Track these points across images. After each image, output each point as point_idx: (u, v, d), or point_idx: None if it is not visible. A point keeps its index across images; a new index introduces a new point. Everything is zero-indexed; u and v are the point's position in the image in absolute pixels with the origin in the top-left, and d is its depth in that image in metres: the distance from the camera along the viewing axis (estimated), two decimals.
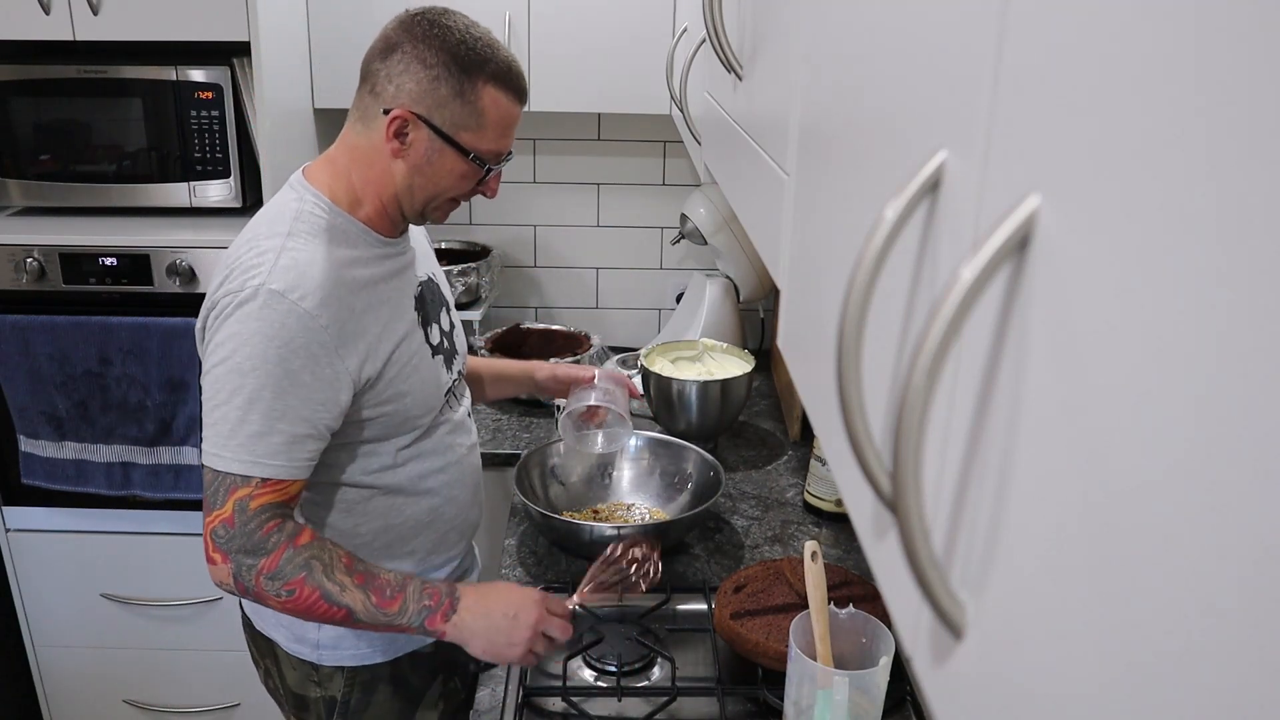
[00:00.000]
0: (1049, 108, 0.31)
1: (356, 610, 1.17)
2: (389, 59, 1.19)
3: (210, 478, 1.15)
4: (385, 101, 1.19)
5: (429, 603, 1.19)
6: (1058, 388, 0.30)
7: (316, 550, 1.17)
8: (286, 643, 1.36)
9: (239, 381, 1.12)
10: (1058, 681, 0.30)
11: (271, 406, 1.13)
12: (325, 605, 1.16)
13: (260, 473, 1.14)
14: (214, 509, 1.15)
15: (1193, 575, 0.23)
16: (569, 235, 2.54)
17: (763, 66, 0.89)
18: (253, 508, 1.14)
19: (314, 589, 1.16)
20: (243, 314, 1.12)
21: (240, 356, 1.12)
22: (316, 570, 1.16)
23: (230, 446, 1.14)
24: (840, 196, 0.59)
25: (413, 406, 1.27)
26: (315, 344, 1.14)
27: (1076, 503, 0.29)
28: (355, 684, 1.35)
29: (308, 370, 1.14)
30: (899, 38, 0.47)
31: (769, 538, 1.70)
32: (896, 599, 0.47)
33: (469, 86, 1.18)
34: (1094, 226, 0.28)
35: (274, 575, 1.15)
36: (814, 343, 0.65)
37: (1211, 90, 0.23)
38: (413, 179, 1.22)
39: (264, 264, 1.14)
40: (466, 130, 1.20)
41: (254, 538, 1.14)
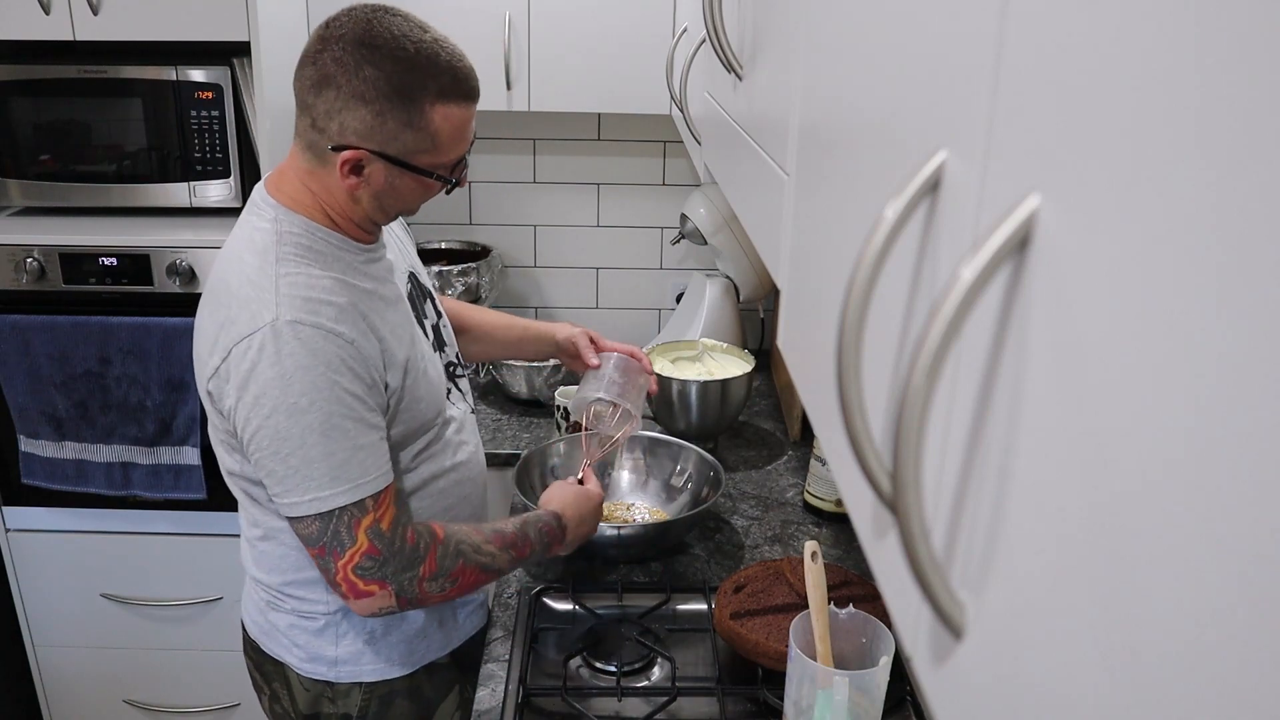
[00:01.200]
0: (1049, 108, 0.31)
1: (504, 569, 1.27)
2: (323, 94, 1.10)
3: (321, 524, 1.13)
4: (331, 138, 1.12)
5: (548, 538, 1.33)
6: (1058, 387, 0.30)
7: (455, 537, 1.22)
8: (299, 664, 1.33)
9: (303, 421, 1.09)
10: (1058, 681, 0.30)
11: (344, 428, 1.11)
12: (484, 577, 1.25)
13: (368, 493, 1.13)
14: (346, 548, 1.13)
15: (1193, 575, 0.23)
16: (569, 235, 2.54)
17: (763, 67, 0.89)
18: (386, 529, 1.15)
19: (473, 569, 1.22)
20: (271, 355, 1.08)
21: (292, 396, 1.09)
22: (469, 553, 1.22)
23: (329, 484, 1.11)
24: (840, 196, 0.59)
25: (427, 410, 1.26)
26: (349, 357, 1.12)
27: (1076, 502, 0.29)
28: (373, 699, 1.34)
29: (354, 382, 1.12)
30: (899, 38, 0.47)
31: (769, 538, 1.70)
32: (896, 599, 0.47)
33: (416, 114, 1.11)
34: (1094, 226, 0.28)
35: (436, 575, 1.19)
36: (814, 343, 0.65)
37: (1211, 90, 0.23)
38: (378, 201, 1.18)
39: (266, 298, 1.10)
40: (424, 153, 1.14)
41: (404, 553, 1.16)
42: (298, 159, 1.19)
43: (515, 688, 1.31)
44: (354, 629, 1.32)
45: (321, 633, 1.32)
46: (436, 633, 1.37)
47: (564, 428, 1.97)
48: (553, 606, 1.51)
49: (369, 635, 1.32)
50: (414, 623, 1.34)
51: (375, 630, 1.32)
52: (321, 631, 1.32)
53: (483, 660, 1.39)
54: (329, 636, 1.32)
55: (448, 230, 2.53)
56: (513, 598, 1.51)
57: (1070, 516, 0.29)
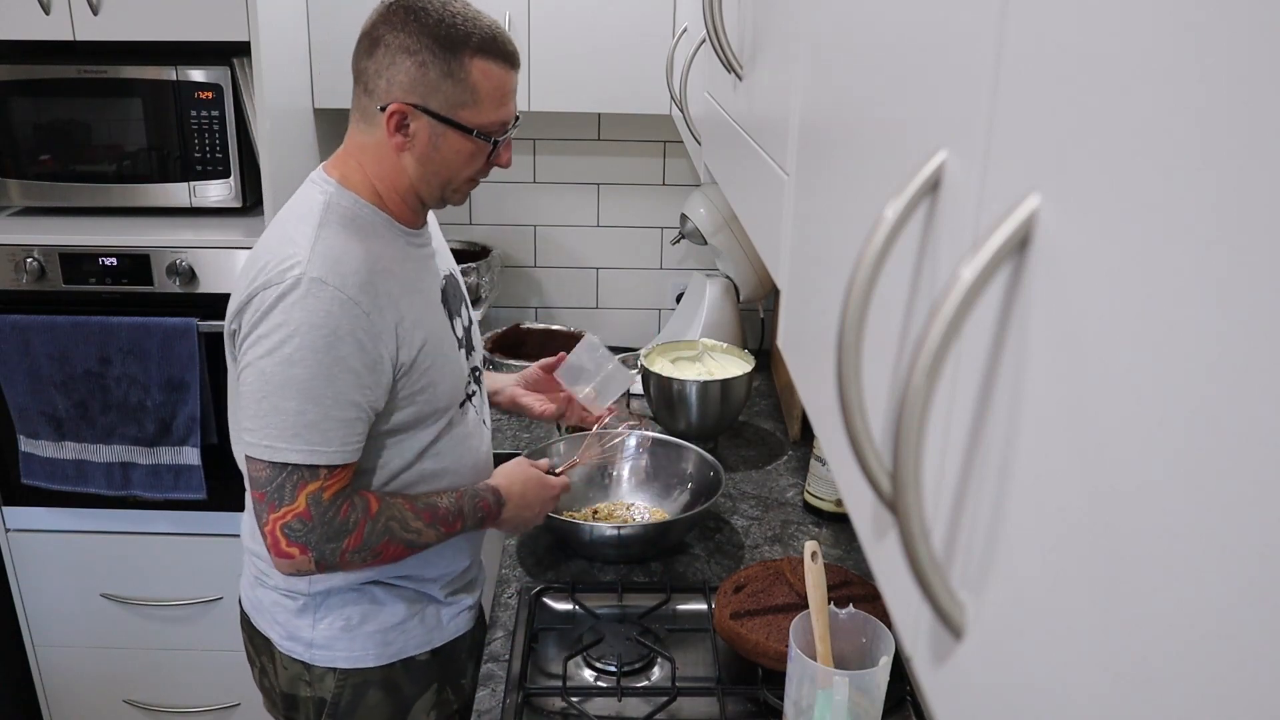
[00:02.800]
0: (1049, 108, 0.31)
1: (431, 544, 1.28)
2: (374, 55, 1.20)
3: (271, 472, 1.16)
4: (379, 98, 1.20)
5: (482, 514, 1.33)
6: (1058, 387, 0.30)
7: (388, 511, 1.22)
8: (280, 641, 1.36)
9: (289, 372, 1.13)
10: (1058, 681, 0.30)
11: (325, 394, 1.14)
12: (407, 552, 1.26)
13: (325, 461, 1.16)
14: (283, 504, 1.16)
15: (1193, 575, 0.23)
16: (569, 235, 2.54)
17: (763, 66, 0.89)
18: (327, 498, 1.17)
19: (398, 545, 1.24)
20: (286, 304, 1.13)
21: (290, 347, 1.13)
22: (396, 530, 1.23)
23: (290, 438, 1.14)
24: (840, 196, 0.59)
25: (440, 397, 1.29)
26: (360, 329, 1.15)
27: (1076, 502, 0.29)
28: (346, 685, 1.35)
29: (355, 355, 1.15)
30: (899, 38, 0.47)
31: (769, 538, 1.70)
32: (896, 599, 0.47)
33: (456, 64, 1.18)
34: (1094, 226, 0.28)
35: (360, 549, 1.20)
36: (814, 343, 0.65)
37: (1211, 89, 0.23)
38: (423, 168, 1.24)
39: (300, 254, 1.15)
40: (464, 108, 1.21)
41: (333, 525, 1.17)
42: (352, 135, 1.26)
43: (515, 688, 1.31)
44: (331, 613, 1.33)
45: (301, 613, 1.34)
46: (417, 628, 1.38)
47: (564, 428, 1.97)
48: (553, 606, 1.51)
49: (345, 622, 1.33)
50: (393, 615, 1.35)
51: (352, 618, 1.33)
52: (301, 612, 1.34)
53: (473, 675, 1.39)
54: (307, 618, 1.33)
55: (448, 230, 2.51)
56: (513, 598, 1.51)
57: (1070, 516, 0.29)
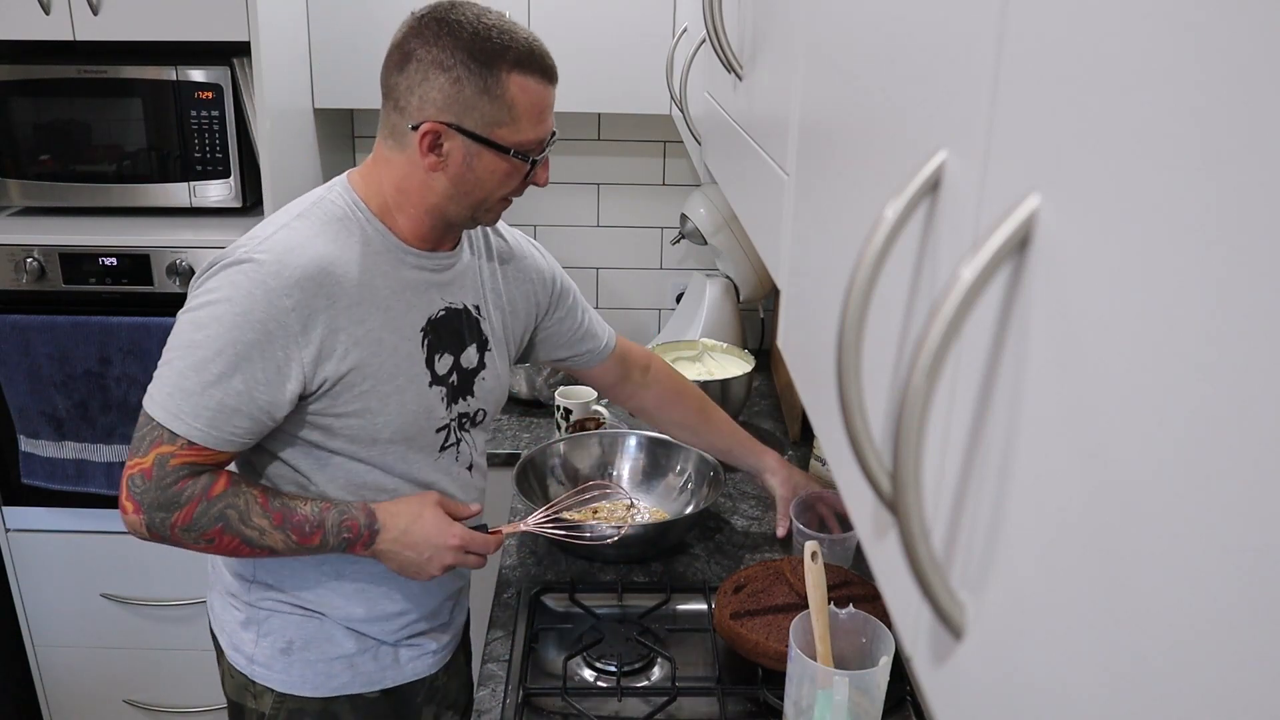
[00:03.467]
0: (1049, 108, 0.31)
1: (279, 549, 1.18)
2: (405, 71, 1.14)
3: (142, 419, 1.14)
4: (411, 117, 1.15)
5: (348, 535, 1.20)
6: (1058, 387, 0.30)
7: (230, 498, 1.15)
8: (227, 649, 1.33)
9: (192, 335, 1.11)
10: (1058, 681, 0.30)
11: (211, 370, 1.10)
12: (248, 549, 1.17)
13: (184, 432, 1.11)
14: (136, 455, 1.13)
15: (1192, 574, 0.23)
16: (569, 235, 2.54)
17: (763, 66, 0.89)
18: (171, 465, 1.12)
19: (233, 537, 1.16)
20: (221, 275, 1.12)
21: (203, 313, 1.11)
22: (233, 519, 1.15)
23: (165, 396, 1.12)
24: (840, 196, 0.59)
25: (383, 429, 1.20)
26: (274, 322, 1.10)
27: (1076, 502, 0.29)
28: (282, 710, 1.31)
29: (257, 346, 1.10)
30: (899, 38, 0.47)
31: (769, 538, 1.70)
32: (896, 599, 0.47)
33: (493, 80, 1.12)
34: (1094, 226, 0.28)
35: (189, 528, 1.14)
36: (814, 343, 0.65)
37: (1210, 89, 0.23)
38: (456, 188, 1.18)
39: (260, 235, 1.15)
40: (500, 126, 1.15)
41: (167, 493, 1.12)
42: (379, 149, 1.22)
43: (515, 688, 1.31)
44: (274, 632, 1.29)
45: (245, 626, 1.31)
46: (368, 664, 1.32)
47: (564, 428, 1.97)
48: (553, 606, 1.51)
49: (286, 644, 1.29)
50: (339, 646, 1.29)
51: (294, 642, 1.29)
52: (245, 625, 1.31)
53: (483, 660, 1.39)
54: (250, 632, 1.30)
55: None
56: (513, 598, 1.51)
57: (1070, 516, 0.29)
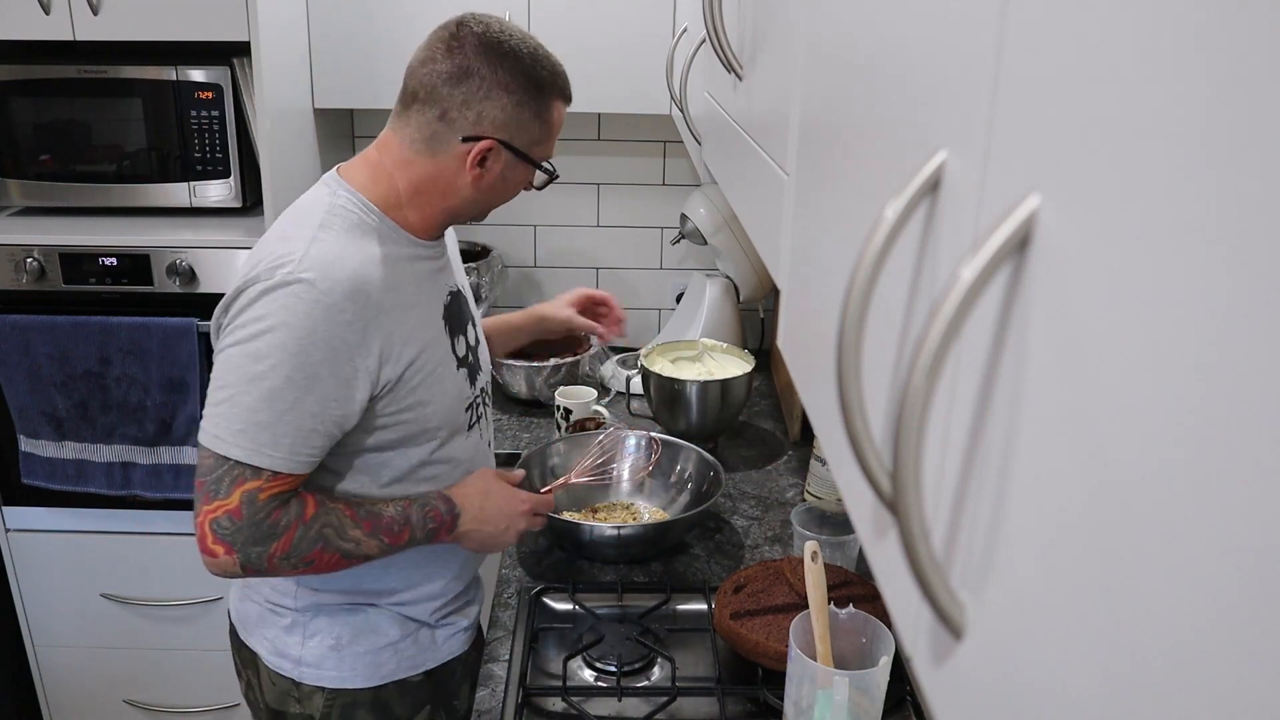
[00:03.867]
0: (1049, 108, 0.31)
1: (373, 555, 1.21)
2: (464, 84, 1.17)
3: (213, 463, 1.12)
4: (463, 129, 1.19)
5: (433, 525, 1.25)
6: (1058, 387, 0.30)
7: (324, 517, 1.17)
8: (268, 656, 1.33)
9: (253, 368, 1.10)
10: (1058, 681, 0.30)
11: (285, 398, 1.10)
12: (345, 562, 1.20)
13: (269, 465, 1.11)
14: (216, 498, 1.12)
15: (1193, 574, 0.23)
16: (569, 235, 2.54)
17: (763, 66, 0.89)
18: (261, 499, 1.12)
19: (333, 554, 1.18)
20: (268, 300, 1.10)
21: (261, 342, 1.09)
22: (331, 537, 1.17)
23: (237, 434, 1.10)
24: (840, 196, 0.59)
25: (432, 417, 1.25)
26: (337, 339, 1.11)
27: (1076, 502, 0.29)
28: (335, 706, 1.32)
29: (326, 365, 1.11)
30: (899, 38, 0.47)
31: (769, 538, 1.70)
32: (896, 599, 0.47)
33: (544, 106, 1.22)
34: (1094, 226, 0.28)
35: (288, 555, 1.15)
36: (814, 343, 0.65)
37: (1211, 89, 0.23)
38: (483, 195, 1.25)
39: (294, 253, 1.12)
40: (538, 145, 1.25)
41: (262, 527, 1.13)
42: (394, 151, 1.23)
43: (515, 688, 1.31)
44: (321, 631, 1.30)
45: (290, 630, 1.31)
46: (410, 649, 1.34)
47: (564, 428, 1.97)
48: (553, 606, 1.51)
49: (335, 641, 1.30)
50: (385, 635, 1.32)
51: (342, 637, 1.30)
52: (290, 629, 1.31)
53: (469, 699, 1.38)
54: (296, 635, 1.31)
55: None
56: (513, 597, 1.51)
57: (1070, 516, 0.29)
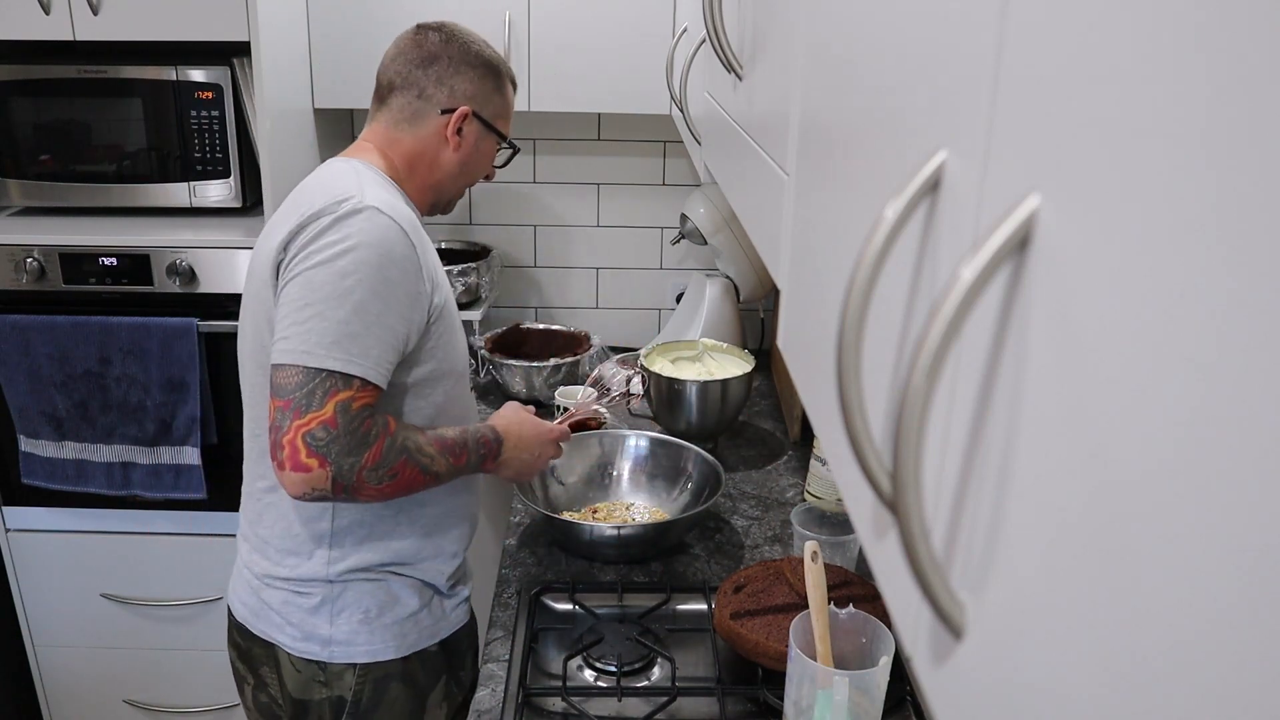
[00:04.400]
0: (1049, 108, 0.31)
1: (442, 475, 1.27)
2: (434, 66, 1.37)
3: (302, 378, 1.15)
4: (441, 102, 1.37)
5: (484, 451, 1.34)
6: (1058, 387, 0.30)
7: (404, 431, 1.23)
8: (292, 643, 1.34)
9: (341, 284, 1.15)
10: (1058, 681, 0.30)
11: (371, 310, 1.17)
12: (422, 479, 1.24)
13: (361, 373, 1.16)
14: (309, 410, 1.14)
15: (1193, 574, 0.23)
16: (569, 235, 2.54)
17: (763, 66, 0.89)
18: (355, 408, 1.16)
19: (414, 468, 1.23)
20: (345, 224, 1.17)
21: (345, 260, 1.16)
22: (413, 450, 1.23)
23: (330, 345, 1.15)
24: (840, 196, 0.59)
25: (457, 358, 1.35)
26: (408, 260, 1.21)
27: (1077, 502, 0.29)
28: (367, 681, 1.35)
29: (400, 282, 1.20)
30: (899, 38, 0.47)
31: (769, 538, 1.70)
32: (896, 599, 0.47)
33: (500, 84, 1.43)
34: (1094, 226, 0.28)
35: (378, 466, 1.18)
36: (814, 343, 0.65)
37: (1211, 89, 0.23)
38: (459, 168, 1.41)
39: (352, 192, 1.21)
40: (501, 119, 1.44)
41: (357, 435, 1.16)
42: (380, 134, 1.38)
43: (515, 688, 1.31)
44: (349, 606, 1.33)
45: (316, 610, 1.33)
46: (427, 619, 1.39)
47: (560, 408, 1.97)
48: (553, 606, 1.51)
49: (364, 615, 1.33)
50: (407, 606, 1.36)
51: (370, 610, 1.33)
52: (317, 609, 1.33)
53: (472, 667, 1.39)
54: (324, 614, 1.33)
55: (449, 230, 2.53)
56: (513, 598, 1.51)
57: (1070, 516, 0.29)
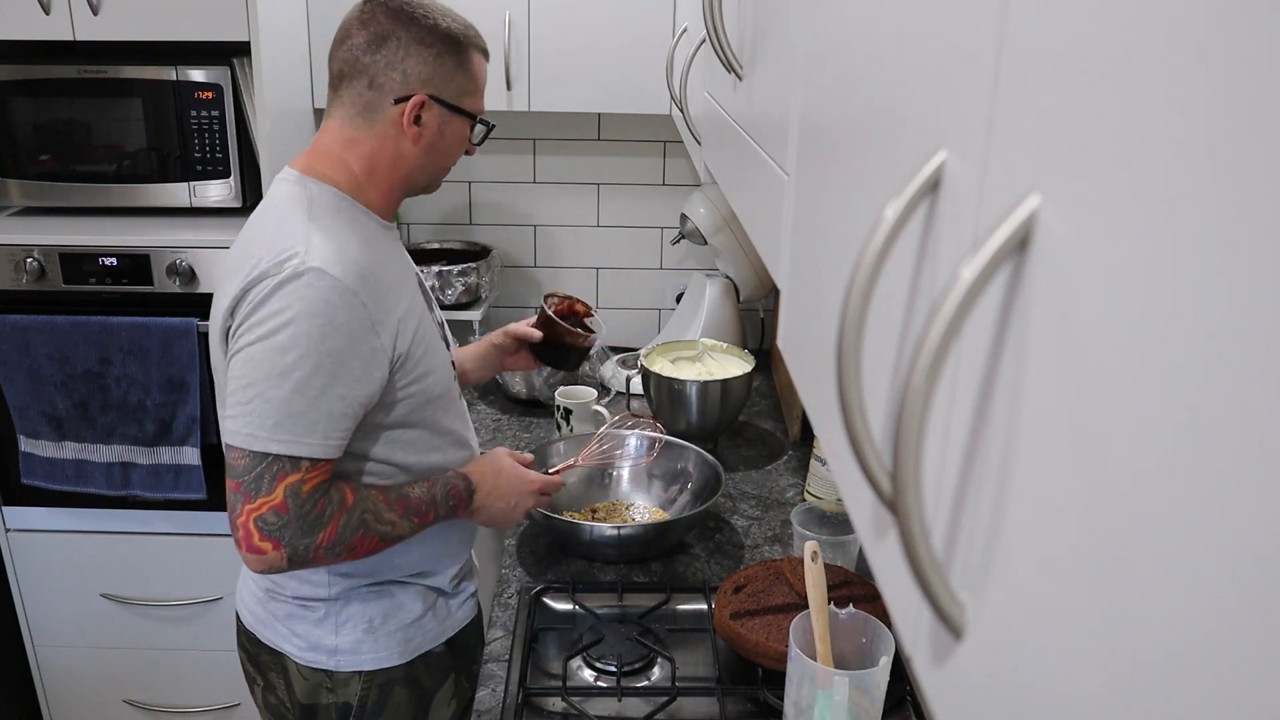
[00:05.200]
0: (1049, 108, 0.31)
1: (405, 535, 1.27)
2: (382, 49, 1.22)
3: (250, 461, 1.13)
4: (392, 91, 1.23)
5: (453, 502, 1.32)
6: (1058, 387, 0.30)
7: (362, 503, 1.21)
8: (299, 653, 1.34)
9: (280, 361, 1.11)
10: (1058, 681, 0.30)
11: (314, 386, 1.12)
12: (383, 545, 1.24)
13: (309, 453, 1.14)
14: (259, 495, 1.13)
15: (1193, 574, 0.23)
16: (569, 235, 2.54)
17: (763, 66, 0.89)
18: (305, 491, 1.14)
19: (372, 538, 1.22)
20: (285, 293, 1.12)
21: (284, 335, 1.11)
22: (371, 522, 1.21)
23: (273, 428, 1.12)
24: (840, 196, 0.59)
25: (436, 385, 1.30)
26: (355, 320, 1.14)
27: (1076, 502, 0.29)
28: (372, 687, 1.35)
29: (348, 348, 1.14)
30: (899, 37, 0.47)
31: (769, 538, 1.70)
32: (896, 599, 0.47)
33: (464, 57, 1.26)
34: (1094, 226, 0.28)
35: (334, 544, 1.18)
36: (814, 343, 0.65)
37: (1211, 89, 0.23)
38: (427, 156, 1.27)
39: (297, 246, 1.14)
40: (468, 96, 1.28)
41: (309, 518, 1.15)
42: (336, 133, 1.26)
43: (515, 688, 1.31)
44: (353, 618, 1.33)
45: (321, 622, 1.33)
46: (430, 622, 1.39)
47: (563, 429, 1.97)
48: (553, 606, 1.51)
49: (368, 624, 1.33)
50: (411, 611, 1.36)
51: (374, 619, 1.33)
52: (321, 621, 1.33)
53: (482, 660, 1.39)
54: (328, 626, 1.33)
55: (448, 230, 2.53)
56: (513, 598, 1.51)
57: (1070, 517, 0.29)
